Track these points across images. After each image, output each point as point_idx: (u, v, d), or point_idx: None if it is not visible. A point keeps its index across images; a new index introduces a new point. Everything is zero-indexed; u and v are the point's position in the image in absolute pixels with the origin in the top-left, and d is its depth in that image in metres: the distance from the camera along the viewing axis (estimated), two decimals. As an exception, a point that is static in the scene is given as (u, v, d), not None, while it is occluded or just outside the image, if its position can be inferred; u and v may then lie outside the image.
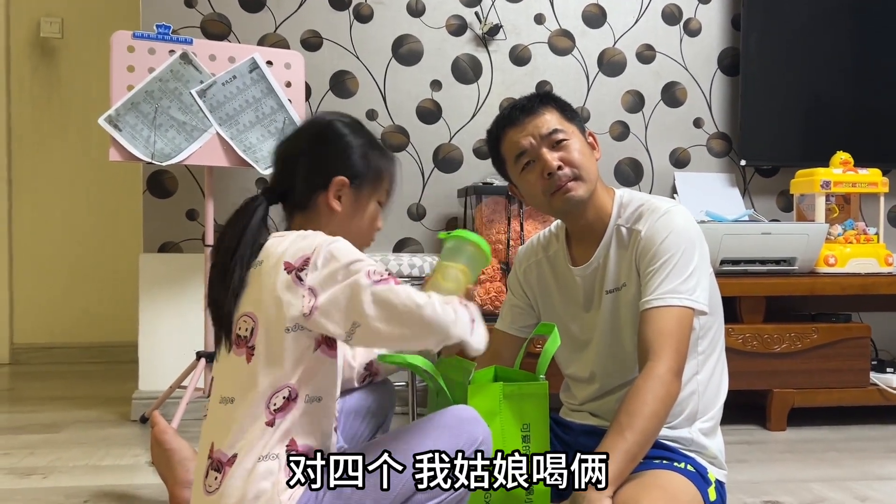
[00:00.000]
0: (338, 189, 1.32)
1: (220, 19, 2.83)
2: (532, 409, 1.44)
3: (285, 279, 1.18)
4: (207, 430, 1.25)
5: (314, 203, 1.32)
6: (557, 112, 1.58)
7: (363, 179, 1.35)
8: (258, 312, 1.20)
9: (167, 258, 2.80)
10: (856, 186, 2.78)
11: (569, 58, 3.02)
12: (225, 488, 1.18)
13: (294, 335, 1.18)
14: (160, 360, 2.75)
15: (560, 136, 1.54)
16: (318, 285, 1.17)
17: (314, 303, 1.16)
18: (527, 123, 1.56)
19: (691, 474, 1.47)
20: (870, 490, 1.96)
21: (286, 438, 1.20)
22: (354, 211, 1.34)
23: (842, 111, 3.08)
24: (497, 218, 2.67)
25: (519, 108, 1.60)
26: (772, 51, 3.03)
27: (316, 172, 1.32)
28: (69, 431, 2.50)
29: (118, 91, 2.34)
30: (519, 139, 1.56)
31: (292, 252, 1.19)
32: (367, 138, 1.38)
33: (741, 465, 2.14)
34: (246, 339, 1.20)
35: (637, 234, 1.54)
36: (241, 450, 1.18)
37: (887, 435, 2.54)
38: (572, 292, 1.66)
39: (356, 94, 2.90)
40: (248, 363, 1.20)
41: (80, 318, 4.03)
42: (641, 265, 1.52)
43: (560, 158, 1.53)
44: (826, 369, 2.60)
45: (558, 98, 1.62)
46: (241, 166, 2.46)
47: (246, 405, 1.19)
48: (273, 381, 1.19)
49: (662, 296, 1.46)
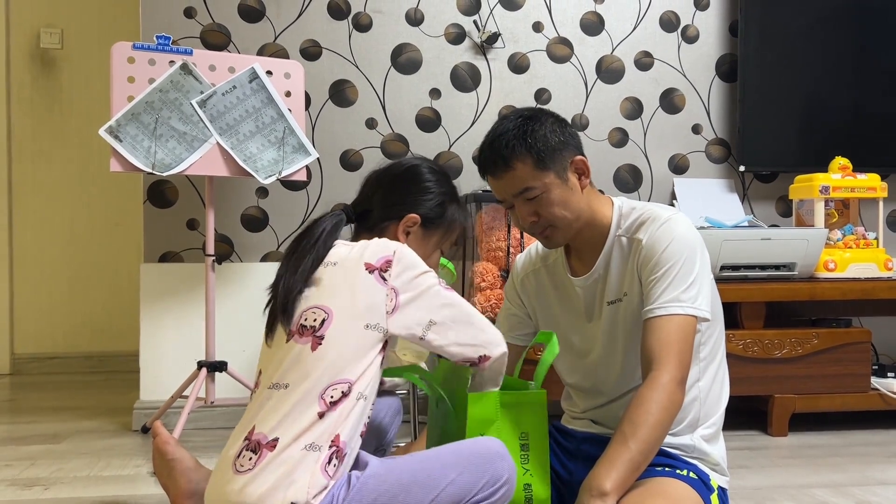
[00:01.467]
0: (408, 224, 1.44)
1: (220, 29, 2.84)
2: (530, 418, 1.45)
3: (368, 278, 1.28)
4: (250, 413, 1.27)
5: (385, 229, 1.44)
6: (531, 161, 1.51)
7: (435, 224, 1.47)
8: (334, 307, 1.26)
9: (168, 268, 2.80)
10: (854, 191, 2.79)
11: (567, 65, 3.03)
12: (261, 470, 1.18)
13: (370, 333, 1.26)
14: (161, 370, 2.75)
15: (532, 194, 1.52)
16: (399, 286, 1.29)
17: (396, 301, 1.28)
18: (500, 177, 1.54)
19: (694, 481, 1.48)
20: (872, 495, 1.96)
21: (333, 432, 1.22)
22: (418, 251, 1.39)
23: (840, 116, 3.09)
24: (497, 225, 2.68)
25: (492, 158, 1.54)
26: (769, 57, 3.04)
27: (393, 203, 1.45)
28: (70, 442, 2.50)
29: (118, 102, 2.35)
30: (496, 189, 1.57)
31: (370, 254, 1.30)
32: (449, 189, 1.50)
33: (743, 471, 2.14)
34: (314, 328, 1.25)
35: (638, 243, 1.54)
36: (284, 435, 1.19)
37: (889, 440, 2.54)
38: (573, 303, 1.66)
39: (355, 103, 2.91)
40: (313, 352, 1.24)
41: (81, 328, 4.03)
42: (643, 274, 1.52)
43: (534, 213, 1.54)
44: (827, 374, 2.60)
45: (532, 143, 1.52)
46: (241, 176, 2.46)
47: (300, 392, 1.22)
48: (335, 373, 1.23)
49: (665, 304, 1.46)
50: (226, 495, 1.21)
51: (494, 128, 1.57)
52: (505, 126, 1.55)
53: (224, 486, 1.21)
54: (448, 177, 1.53)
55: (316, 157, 2.57)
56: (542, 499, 1.43)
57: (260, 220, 2.86)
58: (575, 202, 1.55)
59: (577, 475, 1.58)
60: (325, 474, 1.20)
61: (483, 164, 1.58)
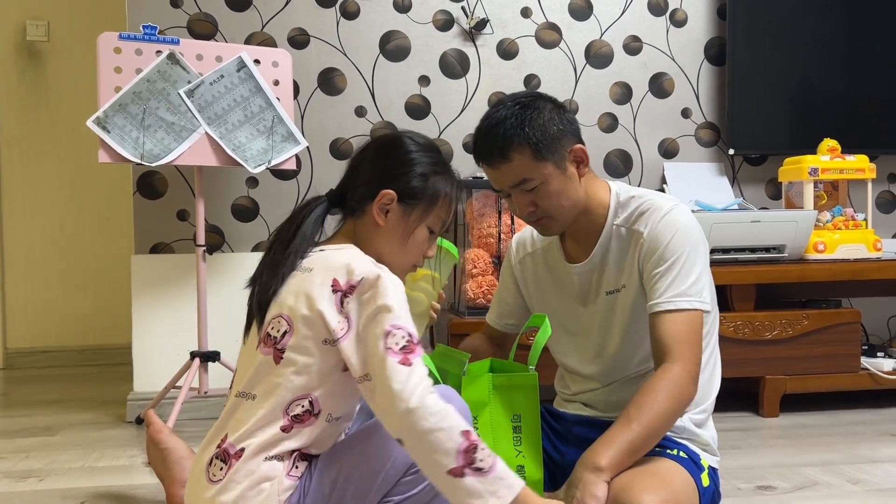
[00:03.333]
0: (385, 203, 1.29)
1: (207, 19, 2.82)
2: (522, 400, 1.46)
3: (330, 296, 1.19)
4: (224, 420, 1.26)
5: (364, 211, 1.31)
6: (529, 152, 1.47)
7: (416, 200, 1.31)
8: (295, 319, 1.20)
9: (159, 259, 2.80)
10: (843, 173, 2.80)
11: (556, 51, 3.03)
12: (230, 480, 1.19)
13: (328, 349, 1.20)
14: (154, 361, 2.75)
15: (530, 185, 1.49)
16: (354, 318, 1.18)
17: (346, 331, 1.18)
18: (497, 167, 1.50)
19: (684, 460, 1.49)
20: (861, 473, 1.98)
21: (298, 447, 1.22)
22: (399, 229, 1.31)
23: (829, 98, 3.10)
24: (488, 212, 2.68)
25: (488, 148, 1.49)
26: (758, 40, 3.04)
27: (371, 182, 1.31)
28: (64, 434, 2.50)
29: (106, 93, 2.34)
30: (492, 179, 1.54)
31: (344, 271, 1.20)
32: (433, 160, 1.34)
33: (735, 452, 2.16)
34: (276, 339, 1.21)
35: (639, 236, 1.53)
36: (249, 446, 1.20)
37: (878, 419, 2.56)
38: (567, 288, 1.66)
39: (344, 91, 2.90)
40: (276, 365, 1.21)
41: (74, 321, 4.03)
42: (646, 266, 1.51)
43: (532, 203, 1.51)
44: (817, 355, 2.61)
45: (530, 133, 1.47)
46: (230, 165, 2.46)
47: (266, 406, 1.21)
48: (296, 389, 1.20)
49: (673, 299, 1.45)
50: (201, 502, 1.22)
51: (489, 115, 1.52)
52: (501, 114, 1.49)
53: (200, 493, 1.23)
54: (434, 147, 1.37)
55: (305, 145, 2.57)
56: (535, 480, 1.44)
57: (250, 209, 2.85)
58: (573, 192, 1.53)
59: (569, 457, 1.60)
60: (291, 477, 1.21)
61: (478, 152, 1.53)
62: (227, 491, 1.19)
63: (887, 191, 3.24)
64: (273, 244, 1.30)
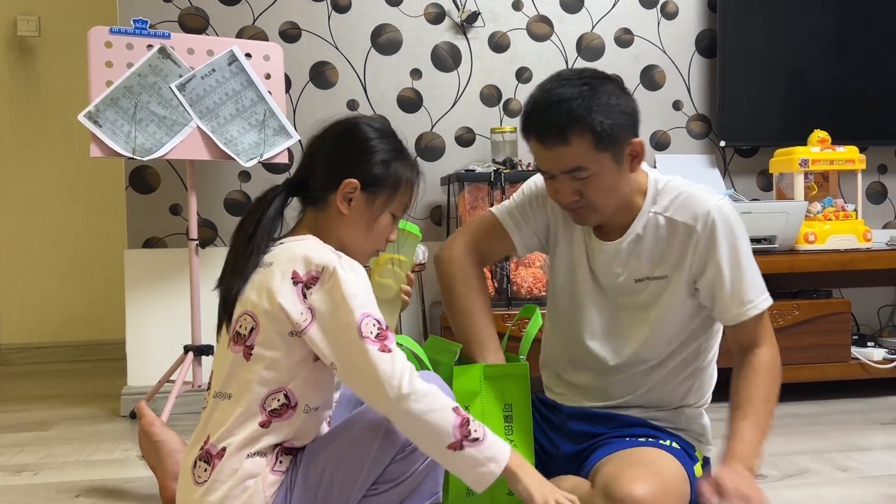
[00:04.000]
0: (348, 192, 1.29)
1: (198, 13, 2.82)
2: (513, 390, 1.47)
3: (291, 288, 1.19)
4: (205, 422, 1.27)
5: (327, 202, 1.30)
6: (590, 140, 1.37)
7: (379, 187, 1.30)
8: (259, 314, 1.21)
9: (152, 253, 2.80)
10: (833, 164, 2.81)
11: (548, 43, 3.03)
12: (214, 481, 1.19)
13: (295, 340, 1.21)
14: (148, 356, 2.75)
15: (583, 174, 1.39)
16: (318, 308, 1.19)
17: (310, 322, 1.19)
18: (551, 148, 1.38)
19: (676, 451, 1.49)
20: (851, 461, 2.00)
21: (280, 441, 1.22)
22: (364, 217, 1.31)
23: (819, 90, 3.11)
24: (480, 204, 2.69)
25: (546, 126, 1.37)
26: (748, 32, 3.05)
27: (332, 171, 1.29)
28: (59, 429, 2.51)
29: (97, 87, 2.34)
30: (541, 158, 1.42)
31: (303, 262, 1.20)
32: (392, 146, 1.33)
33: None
34: (245, 337, 1.22)
35: (690, 230, 1.47)
36: (230, 445, 1.20)
37: (868, 407, 2.58)
38: (590, 261, 1.57)
39: (336, 85, 2.90)
40: (247, 362, 1.22)
41: (68, 316, 4.02)
42: (708, 266, 1.47)
43: (578, 192, 1.42)
44: (808, 345, 2.63)
45: (595, 120, 1.36)
46: (222, 159, 2.46)
47: (243, 403, 1.21)
48: (268, 383, 1.21)
49: (758, 303, 1.48)
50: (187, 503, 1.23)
51: (550, 88, 1.39)
52: (566, 91, 1.37)
53: (188, 495, 1.24)
54: (392, 132, 1.36)
55: (297, 139, 2.57)
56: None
57: (243, 203, 2.86)
58: (623, 187, 1.45)
59: (563, 449, 1.60)
60: (276, 473, 1.21)
61: (532, 127, 1.40)
62: (213, 491, 1.20)
63: (877, 181, 3.26)
64: (234, 242, 1.29)
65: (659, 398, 1.59)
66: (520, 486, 1.23)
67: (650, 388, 1.58)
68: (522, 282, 2.62)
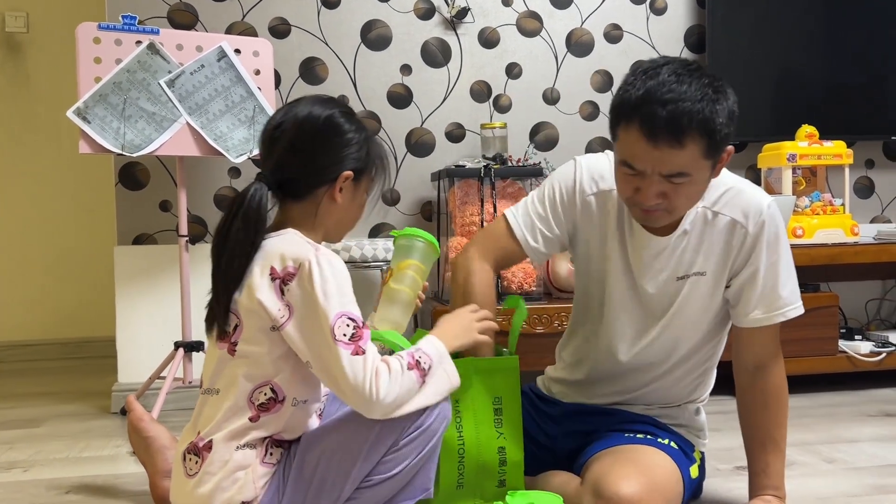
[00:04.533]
0: (343, 183, 1.32)
1: (187, 9, 2.81)
2: (503, 383, 1.47)
3: (269, 285, 1.21)
4: (195, 418, 1.28)
5: (315, 195, 1.31)
6: (702, 147, 1.29)
7: (362, 173, 1.35)
8: (241, 311, 1.23)
9: (142, 250, 2.80)
10: (821, 158, 2.83)
11: (537, 39, 3.04)
12: (204, 473, 1.21)
13: (276, 335, 1.22)
14: (139, 352, 2.75)
15: (681, 180, 1.32)
16: (295, 305, 1.20)
17: (287, 319, 1.20)
18: (659, 147, 1.28)
19: (673, 451, 1.49)
20: (837, 452, 2.02)
21: (269, 434, 1.23)
22: (350, 202, 1.35)
23: (807, 85, 3.13)
24: (470, 200, 2.69)
25: (660, 124, 1.26)
26: (737, 27, 3.06)
27: (321, 167, 1.31)
28: (49, 426, 2.50)
29: (85, 83, 2.33)
30: (641, 156, 1.31)
31: (280, 258, 1.22)
32: (363, 128, 1.36)
33: (716, 434, 2.18)
34: (229, 334, 1.24)
35: (739, 227, 1.45)
36: (217, 437, 1.21)
37: (855, 400, 2.60)
38: (631, 256, 1.51)
39: (326, 81, 2.90)
40: (232, 358, 1.23)
41: (57, 314, 4.01)
42: (749, 264, 1.46)
43: (663, 195, 1.34)
44: (796, 339, 2.64)
45: (713, 126, 1.27)
46: (212, 155, 2.45)
47: (231, 398, 1.22)
48: (254, 378, 1.22)
49: (794, 305, 1.49)
50: (182, 497, 1.25)
51: (666, 81, 1.28)
52: (689, 90, 1.27)
53: (181, 487, 1.25)
54: (353, 112, 1.38)
55: (287, 135, 2.57)
56: (516, 461, 1.46)
57: (233, 200, 2.85)
58: (697, 198, 1.40)
59: (561, 443, 1.61)
60: (266, 464, 1.23)
61: (644, 120, 1.28)
62: (204, 483, 1.21)
63: (865, 176, 3.28)
64: (219, 241, 1.27)
65: (667, 395, 1.60)
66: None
67: (663, 385, 1.59)
68: (513, 277, 2.63)
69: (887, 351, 2.71)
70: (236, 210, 1.27)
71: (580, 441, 1.57)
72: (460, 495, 1.44)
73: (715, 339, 1.59)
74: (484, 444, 1.44)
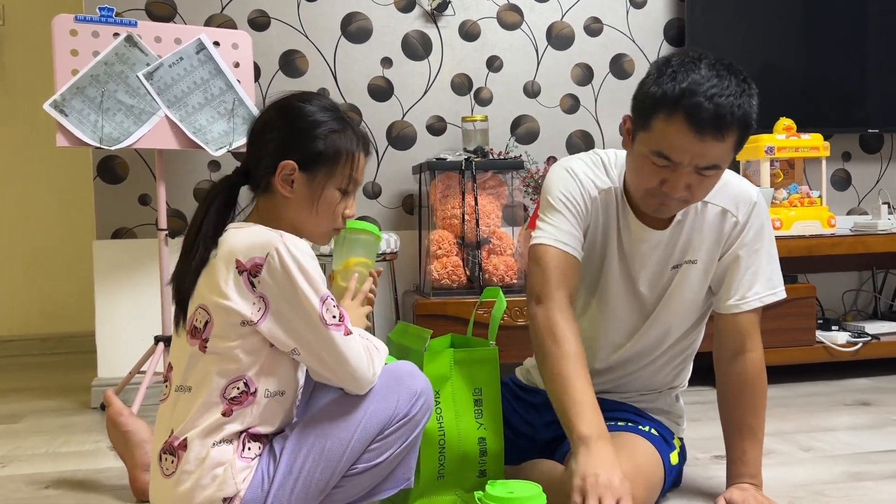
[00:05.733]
0: (286, 173, 1.26)
1: (165, 0, 2.79)
2: (483, 374, 1.48)
3: (236, 279, 1.18)
4: (166, 415, 1.25)
5: (270, 186, 1.28)
6: (735, 140, 1.34)
7: (317, 164, 1.27)
8: (210, 307, 1.20)
9: (121, 244, 2.78)
10: (798, 151, 2.86)
11: (518, 32, 3.04)
12: (182, 472, 1.19)
13: (248, 329, 1.19)
14: (118, 347, 2.73)
15: (712, 173, 1.36)
16: (269, 296, 1.18)
17: (264, 312, 1.18)
18: (703, 139, 1.30)
19: (654, 437, 1.52)
20: (814, 441, 2.04)
21: (244, 429, 1.22)
22: (308, 197, 1.28)
23: (786, 79, 3.15)
24: (451, 193, 2.70)
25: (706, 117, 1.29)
26: (716, 21, 3.08)
27: (271, 154, 1.26)
28: (28, 421, 2.48)
29: (62, 76, 2.31)
30: (682, 147, 1.32)
31: (244, 250, 1.18)
32: (328, 117, 1.29)
33: (694, 424, 2.20)
34: (200, 330, 1.21)
35: (730, 218, 1.49)
36: (193, 435, 1.19)
37: (832, 390, 2.63)
38: (626, 250, 1.54)
39: (306, 74, 2.89)
40: (204, 354, 1.21)
41: (36, 309, 3.98)
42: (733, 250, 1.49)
43: (688, 187, 1.37)
44: (774, 329, 2.67)
45: (750, 121, 1.33)
46: (191, 149, 2.44)
47: (203, 395, 1.20)
48: (227, 373, 1.20)
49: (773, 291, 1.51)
50: (163, 498, 1.23)
51: (707, 76, 1.31)
52: (728, 86, 1.31)
53: (159, 488, 1.24)
54: (330, 105, 1.31)
55: (267, 128, 2.55)
56: (496, 451, 1.47)
57: (213, 193, 2.84)
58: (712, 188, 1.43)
59: (542, 432, 1.62)
60: (245, 459, 1.21)
61: (693, 113, 1.29)
62: (182, 482, 1.19)
63: (842, 168, 3.32)
64: (186, 236, 1.27)
65: (650, 383, 1.63)
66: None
67: (648, 373, 1.62)
68: (495, 269, 2.63)
69: (863, 341, 2.75)
70: (200, 205, 1.27)
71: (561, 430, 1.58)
72: (441, 486, 1.45)
73: (698, 328, 1.63)
74: (464, 434, 1.45)
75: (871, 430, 2.14)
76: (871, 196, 3.33)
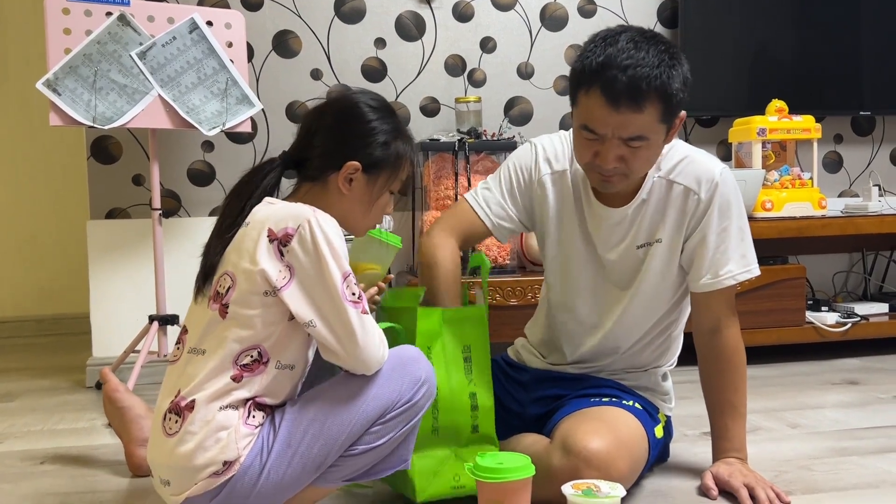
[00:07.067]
0: (350, 173, 1.32)
1: (158, -20, 2.78)
2: (472, 332, 1.52)
3: (267, 246, 1.21)
4: (174, 376, 1.27)
5: (325, 180, 1.33)
6: (659, 110, 1.34)
7: (380, 168, 1.34)
8: (238, 273, 1.22)
9: (115, 224, 2.78)
10: (790, 133, 2.88)
11: (511, 13, 3.04)
12: (185, 432, 1.21)
13: (271, 299, 1.22)
14: (113, 327, 2.75)
15: (639, 143, 1.36)
16: (296, 265, 1.21)
17: (288, 280, 1.21)
18: (620, 111, 1.32)
19: (638, 411, 1.54)
20: (801, 418, 2.07)
21: (251, 396, 1.23)
22: (364, 197, 1.34)
23: (778, 61, 3.16)
24: (445, 174, 2.71)
25: (620, 89, 1.31)
26: (709, 3, 3.08)
27: (332, 152, 1.32)
28: (23, 400, 2.50)
29: (55, 55, 2.30)
30: (601, 120, 1.35)
31: (276, 220, 1.22)
32: (392, 125, 1.36)
33: (684, 402, 2.23)
34: (222, 295, 1.23)
35: (691, 194, 1.49)
36: (201, 397, 1.21)
37: (820, 370, 2.66)
38: (592, 230, 1.56)
39: (300, 54, 2.89)
40: (223, 320, 1.23)
41: (30, 290, 3.98)
42: (699, 229, 1.50)
43: (621, 158, 1.38)
44: (764, 310, 2.70)
45: (670, 91, 1.33)
46: (184, 128, 2.44)
47: (216, 359, 1.22)
48: (243, 340, 1.22)
49: (751, 268, 1.52)
50: (161, 457, 1.24)
51: (625, 48, 1.33)
52: (646, 56, 1.32)
53: (159, 447, 1.25)
54: (391, 110, 1.39)
55: (260, 108, 2.56)
56: (487, 406, 1.50)
57: (206, 174, 2.84)
58: (653, 161, 1.45)
59: (530, 409, 1.65)
60: (248, 426, 1.22)
61: (604, 86, 1.32)
62: (185, 442, 1.20)
63: (833, 151, 3.34)
64: (225, 208, 1.30)
65: (633, 362, 1.65)
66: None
67: (630, 354, 1.63)
68: (487, 251, 2.65)
69: (852, 322, 2.78)
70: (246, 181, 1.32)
71: (548, 406, 1.61)
72: (436, 441, 1.47)
73: (679, 307, 1.63)
74: (456, 390, 1.48)
75: (857, 407, 2.18)
76: (863, 178, 3.35)
